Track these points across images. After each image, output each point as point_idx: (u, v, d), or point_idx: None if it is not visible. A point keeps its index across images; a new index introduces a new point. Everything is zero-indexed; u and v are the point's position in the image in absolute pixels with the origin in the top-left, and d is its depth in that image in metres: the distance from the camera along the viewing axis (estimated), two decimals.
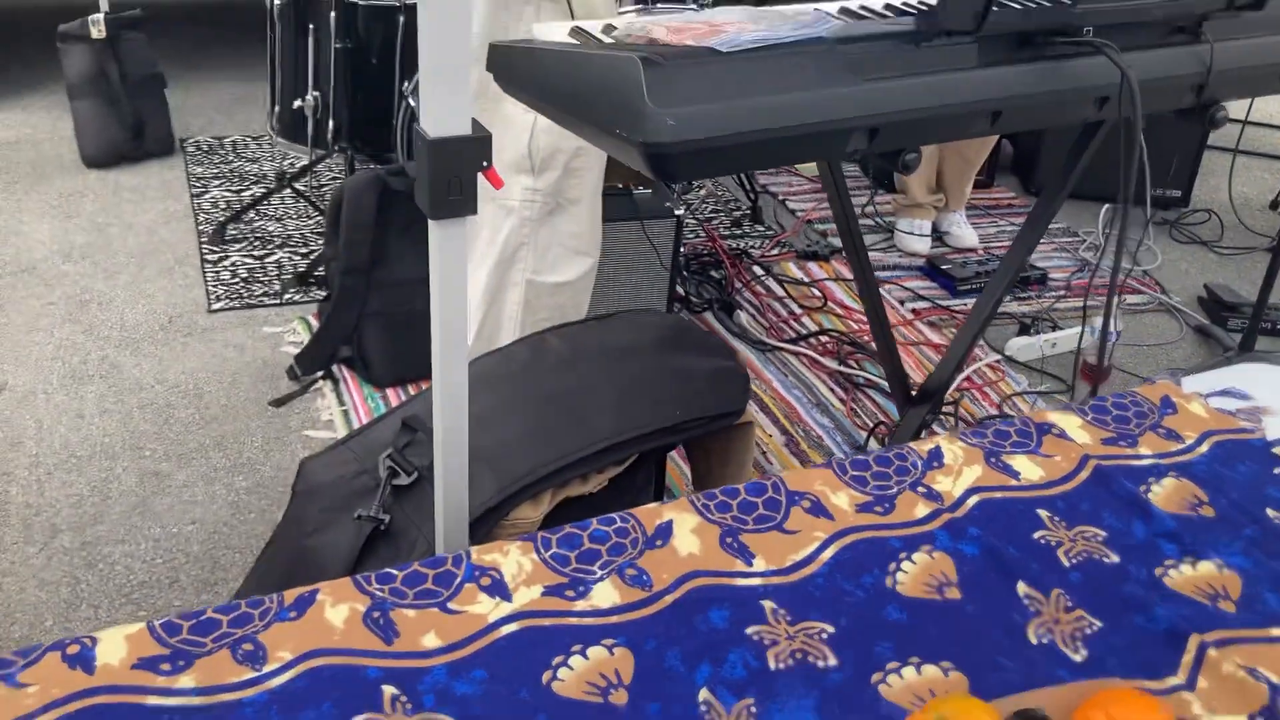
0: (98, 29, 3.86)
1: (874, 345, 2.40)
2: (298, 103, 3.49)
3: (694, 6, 3.11)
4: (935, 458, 1.30)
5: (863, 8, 1.74)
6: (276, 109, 3.60)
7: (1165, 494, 1.26)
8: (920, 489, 1.25)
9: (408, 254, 2.90)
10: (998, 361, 3.11)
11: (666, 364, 1.76)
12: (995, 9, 1.43)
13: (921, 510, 1.22)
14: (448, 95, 1.00)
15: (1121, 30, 1.55)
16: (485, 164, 1.01)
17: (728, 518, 1.18)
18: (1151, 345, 3.26)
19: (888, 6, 1.75)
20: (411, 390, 2.79)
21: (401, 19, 3.31)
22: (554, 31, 1.56)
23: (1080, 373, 2.86)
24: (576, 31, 1.55)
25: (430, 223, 1.05)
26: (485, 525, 1.46)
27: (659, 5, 3.10)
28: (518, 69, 1.51)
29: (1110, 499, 1.24)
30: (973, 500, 1.23)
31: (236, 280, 3.25)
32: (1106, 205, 3.99)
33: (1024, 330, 3.24)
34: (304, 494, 1.55)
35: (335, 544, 1.45)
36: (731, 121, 1.29)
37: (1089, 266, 3.63)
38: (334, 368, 2.85)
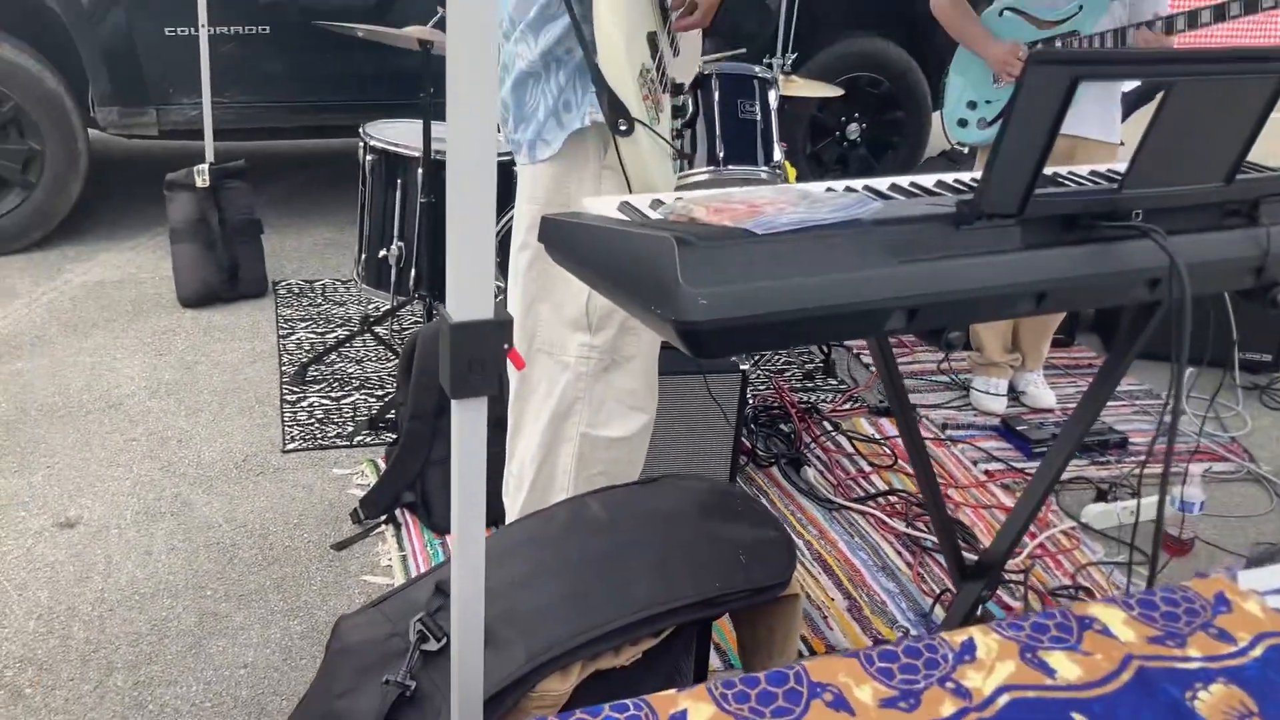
0: (202, 178, 4.09)
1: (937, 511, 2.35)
2: (383, 252, 3.63)
3: (765, 171, 3.17)
4: (968, 650, 1.26)
5: (913, 184, 1.76)
6: (363, 256, 3.74)
7: (1212, 702, 1.20)
8: (949, 684, 1.20)
9: None
10: (1072, 529, 3.02)
11: (708, 532, 1.74)
12: (1038, 194, 1.43)
13: (949, 708, 1.17)
14: (471, 280, 1.04)
15: (1174, 213, 1.54)
16: (506, 346, 1.04)
17: (745, 709, 1.15)
18: (1239, 518, 3.13)
19: (939, 184, 1.77)
20: None
21: None
22: (604, 206, 1.61)
23: (1161, 545, 2.75)
24: (625, 206, 1.60)
25: (452, 401, 1.08)
26: (511, 696, 1.44)
27: (728, 169, 3.18)
28: (566, 241, 1.56)
29: (1151, 705, 1.18)
30: (1004, 699, 1.18)
31: (312, 421, 3.33)
32: (1191, 368, 3.90)
33: (1101, 497, 3.15)
34: (337, 653, 1.56)
35: (362, 709, 1.45)
36: (763, 301, 1.31)
37: (1163, 432, 3.52)
38: (397, 512, 2.88)
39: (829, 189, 1.73)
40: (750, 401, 3.41)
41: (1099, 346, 4.27)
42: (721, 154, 3.25)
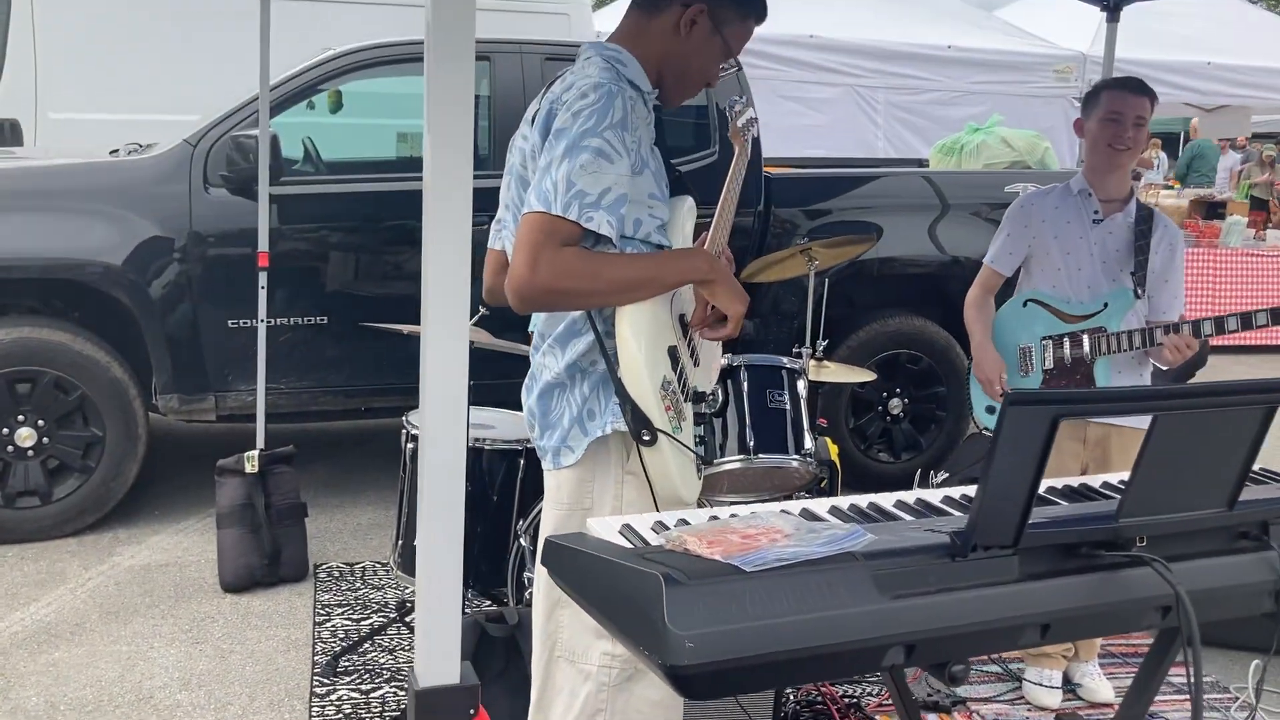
0: (251, 464, 4.23)
1: None
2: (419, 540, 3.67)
3: (796, 460, 3.21)
4: None
5: (920, 502, 1.78)
6: (400, 543, 3.78)
7: None
8: None
9: (500, 699, 2.90)
10: None
11: None
12: (1033, 524, 1.44)
13: None
14: (439, 645, 1.06)
15: (1179, 538, 1.53)
16: (472, 711, 1.04)
17: None
18: None
19: (946, 499, 1.78)
20: None
21: (522, 461, 3.52)
22: (606, 529, 1.64)
23: None
24: (626, 530, 1.63)
25: None
26: None
27: (758, 458, 3.22)
28: (566, 567, 1.58)
29: None
30: None
31: (340, 716, 3.28)
32: (1256, 660, 3.73)
33: None
34: None
35: None
36: (753, 643, 1.31)
37: None
38: None
39: (833, 508, 1.75)
40: (792, 697, 3.31)
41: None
42: (752, 443, 3.33)
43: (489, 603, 3.61)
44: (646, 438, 2.03)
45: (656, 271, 2.07)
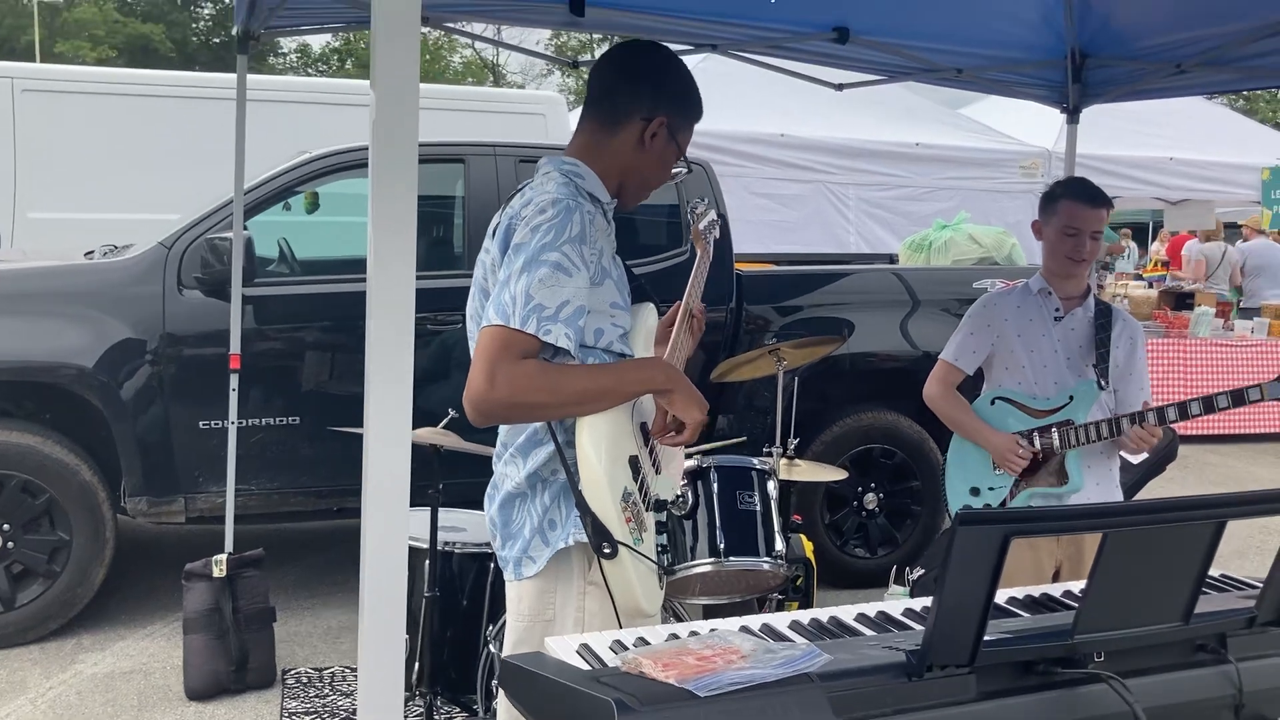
0: (219, 568, 4.17)
1: None
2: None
3: (768, 562, 3.20)
4: None
5: (880, 614, 1.77)
6: None
7: None
8: None
9: None
10: None
11: None
12: (989, 641, 1.44)
13: None
14: None
15: (1136, 653, 1.53)
16: None
17: None
18: None
19: (907, 611, 1.78)
20: None
21: (492, 565, 3.49)
22: (564, 648, 1.63)
23: None
24: (584, 650, 1.62)
25: None
26: None
27: (729, 560, 3.21)
28: (522, 686, 1.56)
29: None
30: None
31: None
32: None
33: None
34: None
35: None
36: None
37: None
38: None
39: (793, 623, 1.74)
40: None
41: None
42: (722, 545, 3.31)
43: (458, 710, 3.55)
44: (607, 551, 2.03)
45: (615, 382, 2.09)
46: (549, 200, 2.08)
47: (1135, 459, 4.82)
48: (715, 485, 3.34)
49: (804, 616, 1.76)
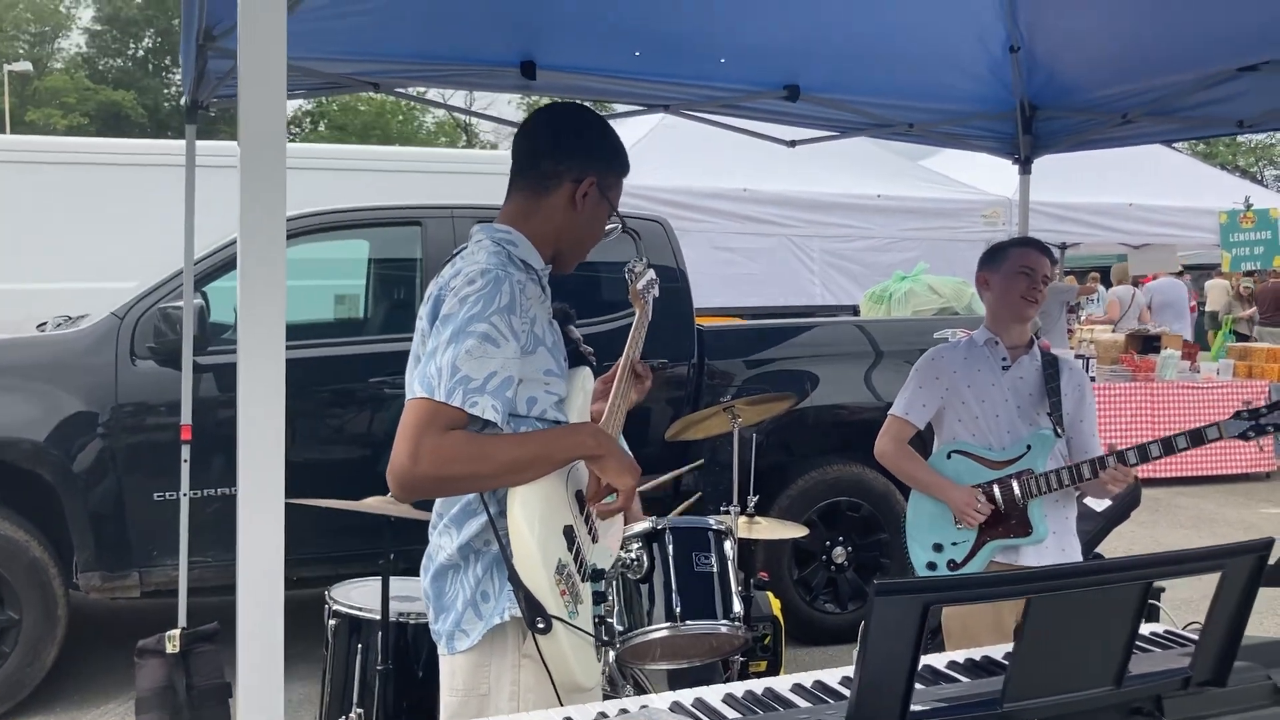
0: (173, 644, 4.09)
1: None
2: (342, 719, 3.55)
3: (725, 625, 3.16)
4: None
5: (796, 686, 1.74)
6: None
7: None
8: None
9: None
10: None
11: None
12: (914, 714, 1.41)
13: None
14: None
15: (1070, 719, 1.50)
16: None
17: None
18: None
19: (817, 684, 1.75)
20: None
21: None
22: None
23: None
24: None
25: None
26: None
27: (685, 624, 3.16)
28: None
29: None
30: None
31: None
32: None
33: None
34: None
35: None
36: None
37: None
38: None
39: (727, 696, 1.70)
40: None
41: None
42: (679, 609, 3.26)
43: None
44: (541, 626, 1.99)
45: (544, 450, 2.06)
46: (478, 270, 2.07)
47: (1099, 506, 4.82)
48: (671, 547, 3.29)
49: (739, 689, 1.72)
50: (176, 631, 4.12)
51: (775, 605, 4.83)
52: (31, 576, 4.48)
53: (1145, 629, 1.83)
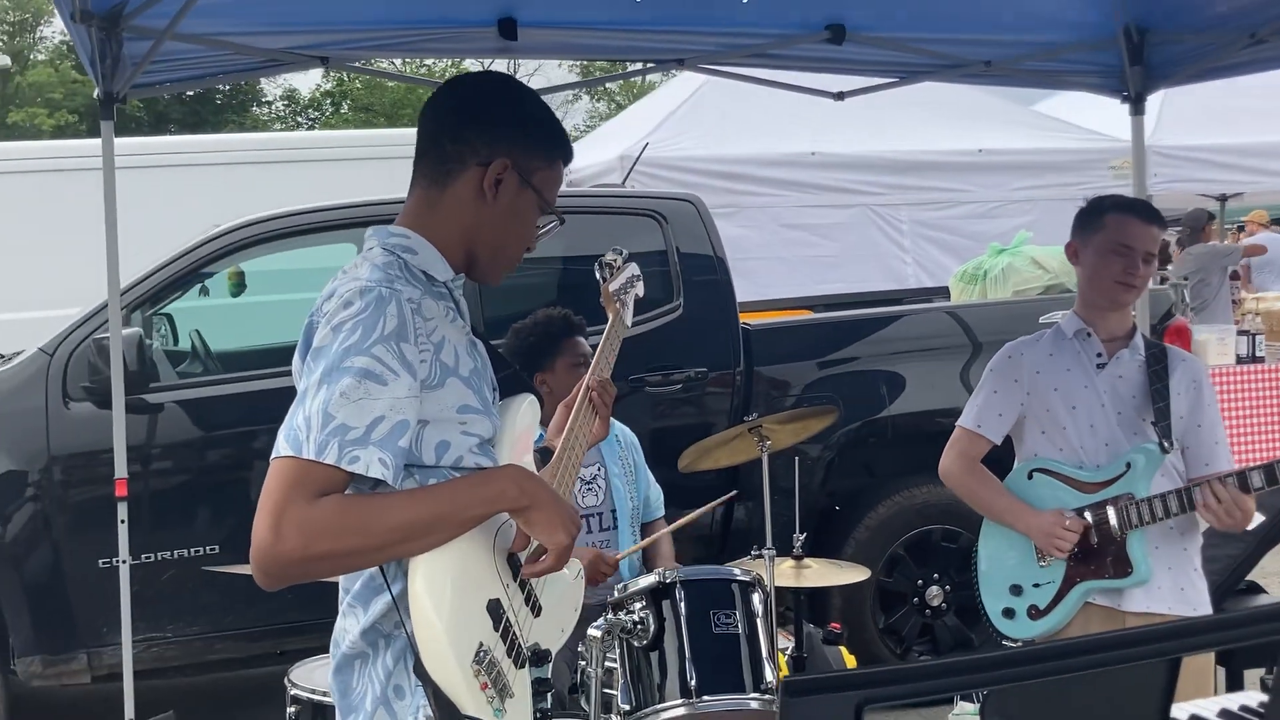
0: None
1: None
2: None
3: (756, 700, 3.04)
4: None
5: None
6: None
7: None
8: None
9: None
10: None
11: None
12: None
13: None
14: None
15: None
16: None
17: None
18: None
19: None
20: None
21: None
22: None
23: None
24: None
25: None
26: None
27: (703, 700, 3.05)
28: None
29: None
30: None
31: None
32: None
33: None
34: None
35: None
36: None
37: None
38: None
39: None
40: None
41: None
42: (694, 683, 3.14)
43: None
44: None
45: (448, 507, 1.94)
46: (355, 290, 1.94)
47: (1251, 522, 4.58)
48: (683, 605, 3.16)
49: None
50: None
51: (850, 663, 4.67)
52: None
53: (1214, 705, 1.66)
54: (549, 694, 2.12)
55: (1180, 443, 3.27)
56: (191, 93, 25.59)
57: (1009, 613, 3.38)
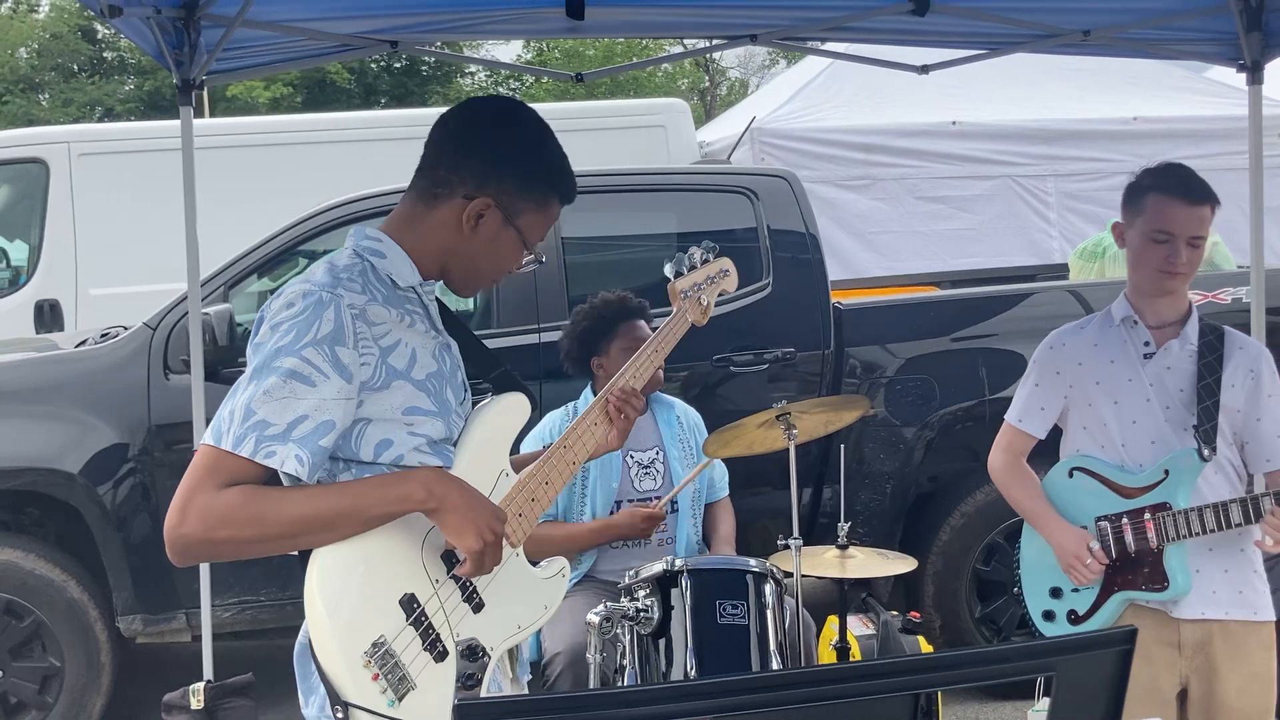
0: (197, 699, 4.29)
1: None
2: None
3: None
4: None
5: None
6: None
7: None
8: None
9: None
10: None
11: None
12: None
13: None
14: None
15: None
16: None
17: None
18: None
19: None
20: None
21: None
22: None
23: None
24: None
25: None
26: None
27: None
28: None
29: None
30: None
31: None
32: None
33: None
34: None
35: None
36: None
37: None
38: None
39: None
40: None
41: None
42: (694, 672, 3.12)
43: None
44: (339, 715, 1.93)
45: (351, 503, 2.00)
46: (299, 292, 2.04)
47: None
48: (689, 594, 3.15)
49: None
50: (200, 685, 4.32)
51: (927, 650, 4.58)
52: (71, 620, 4.80)
53: None
54: (475, 688, 2.14)
55: (1238, 438, 3.09)
56: (399, 65, 26.25)
57: (1049, 615, 3.27)
